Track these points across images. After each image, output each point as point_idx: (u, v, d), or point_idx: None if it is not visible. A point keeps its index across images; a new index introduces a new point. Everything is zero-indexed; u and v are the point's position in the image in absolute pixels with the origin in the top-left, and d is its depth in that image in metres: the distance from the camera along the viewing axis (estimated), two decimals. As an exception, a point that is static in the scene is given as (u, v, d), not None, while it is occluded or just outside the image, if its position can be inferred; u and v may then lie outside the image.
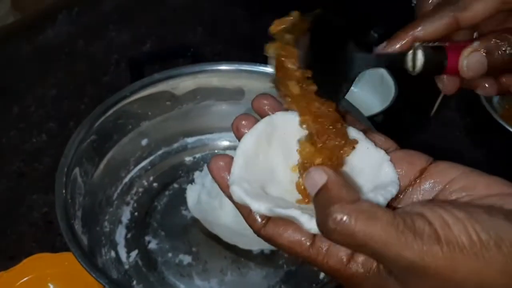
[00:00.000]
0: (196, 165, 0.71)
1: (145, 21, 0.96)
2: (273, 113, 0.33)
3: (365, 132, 0.34)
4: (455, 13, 0.36)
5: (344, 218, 0.26)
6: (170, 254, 0.61)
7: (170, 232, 0.63)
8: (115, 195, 0.66)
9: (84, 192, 0.59)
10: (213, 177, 0.32)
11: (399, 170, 0.31)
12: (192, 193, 0.61)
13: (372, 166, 0.32)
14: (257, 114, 0.34)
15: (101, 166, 0.63)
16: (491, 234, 0.25)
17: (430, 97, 0.80)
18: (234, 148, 0.68)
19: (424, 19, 0.37)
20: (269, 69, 0.67)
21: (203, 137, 0.72)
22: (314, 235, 0.29)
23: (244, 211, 0.31)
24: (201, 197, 0.59)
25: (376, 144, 0.33)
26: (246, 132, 0.32)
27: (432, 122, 0.77)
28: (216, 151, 0.72)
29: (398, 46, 0.37)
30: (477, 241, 0.25)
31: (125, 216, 0.65)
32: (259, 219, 0.30)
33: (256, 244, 0.59)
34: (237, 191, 0.30)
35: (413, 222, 0.26)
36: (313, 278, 0.59)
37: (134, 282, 0.59)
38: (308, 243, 0.29)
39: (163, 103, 0.68)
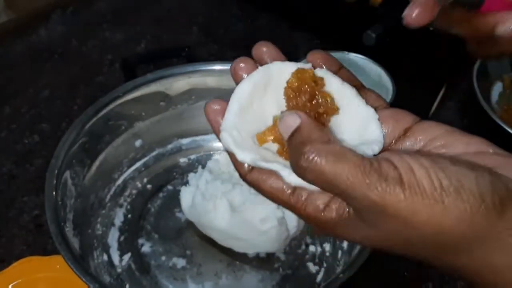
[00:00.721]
0: (191, 167, 0.69)
1: (140, 21, 0.95)
2: (271, 62, 0.33)
3: (358, 88, 0.34)
4: None
5: (315, 157, 0.27)
6: (163, 258, 0.60)
7: (164, 235, 0.62)
8: (108, 197, 0.65)
9: (76, 194, 0.58)
10: (208, 120, 0.33)
11: (385, 128, 0.32)
12: (186, 195, 0.60)
13: (360, 123, 0.32)
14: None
15: (93, 167, 0.62)
16: (453, 180, 0.26)
17: (428, 98, 0.80)
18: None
19: None
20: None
21: (197, 138, 0.71)
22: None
23: (233, 156, 0.31)
24: (195, 199, 0.58)
25: (367, 101, 0.33)
26: (243, 76, 0.33)
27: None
28: (211, 152, 0.71)
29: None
30: (438, 186, 0.26)
31: (118, 219, 0.64)
32: (246, 165, 0.31)
33: (251, 248, 0.58)
34: (226, 139, 0.31)
35: (380, 165, 0.27)
36: (309, 282, 0.58)
37: (127, 286, 0.58)
38: (289, 191, 0.30)
39: (156, 104, 0.67)
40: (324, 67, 0.34)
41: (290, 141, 0.29)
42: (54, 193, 0.53)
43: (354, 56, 0.72)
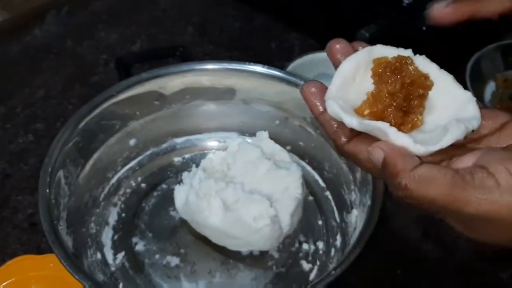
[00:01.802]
0: (185, 166, 0.70)
1: (135, 21, 0.95)
2: (344, 59, 0.35)
3: None
4: None
5: (407, 187, 0.29)
6: (157, 256, 0.60)
7: (158, 233, 0.62)
8: (102, 196, 0.65)
9: (69, 193, 0.58)
10: (305, 100, 0.35)
11: (484, 121, 0.33)
12: (180, 194, 0.60)
13: (458, 104, 0.34)
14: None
15: (87, 166, 0.62)
16: None
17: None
18: (224, 148, 0.67)
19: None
20: (258, 68, 0.67)
21: (192, 137, 0.71)
22: None
23: (330, 128, 0.34)
24: (189, 198, 0.58)
25: None
26: (339, 57, 0.36)
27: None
28: (205, 151, 0.71)
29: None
30: None
31: (112, 217, 0.64)
32: (343, 138, 0.33)
33: (244, 246, 0.58)
34: (333, 105, 0.33)
35: (473, 176, 0.28)
36: (302, 280, 0.59)
37: (121, 285, 0.58)
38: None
39: (151, 103, 0.67)
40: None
41: (383, 173, 0.31)
42: (47, 191, 0.53)
43: (347, 56, 0.73)
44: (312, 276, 0.59)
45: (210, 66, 0.67)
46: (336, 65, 0.36)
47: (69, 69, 0.86)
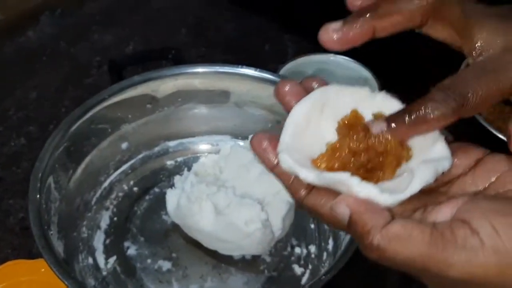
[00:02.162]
0: (178, 169, 0.69)
1: (129, 22, 0.94)
2: (294, 101, 0.32)
3: None
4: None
5: (380, 247, 0.26)
6: (149, 260, 0.60)
7: (150, 237, 0.62)
8: (94, 199, 0.65)
9: (61, 197, 0.58)
10: (256, 154, 0.31)
11: (456, 159, 0.30)
12: (172, 198, 0.60)
13: (425, 143, 0.30)
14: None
15: (79, 170, 0.62)
16: None
17: (414, 100, 0.80)
18: (216, 151, 0.67)
19: (385, 7, 0.32)
20: (251, 72, 0.66)
21: (184, 140, 0.71)
22: None
23: (286, 181, 0.30)
24: (180, 202, 0.58)
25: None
26: (290, 101, 0.32)
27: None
28: (198, 154, 0.71)
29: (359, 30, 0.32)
30: None
31: (104, 221, 0.64)
32: (302, 191, 0.30)
33: (236, 250, 0.58)
34: (286, 160, 0.29)
35: (453, 233, 0.25)
36: (294, 284, 0.59)
37: (112, 289, 0.58)
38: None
39: (143, 106, 0.67)
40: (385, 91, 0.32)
41: (350, 231, 0.28)
42: (38, 196, 0.53)
43: (340, 58, 0.73)
44: (304, 280, 0.59)
45: (202, 69, 0.67)
46: (287, 109, 0.32)
47: (63, 71, 0.86)
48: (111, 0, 0.98)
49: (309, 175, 0.29)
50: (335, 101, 0.32)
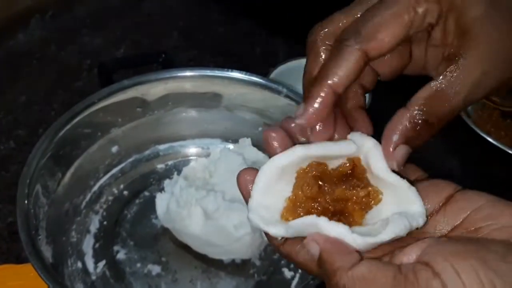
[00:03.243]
0: (168, 173, 0.69)
1: (119, 26, 0.94)
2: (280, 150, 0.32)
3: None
4: (362, 46, 0.31)
5: (345, 287, 0.26)
6: (138, 265, 0.60)
7: (140, 241, 0.62)
8: (84, 203, 0.64)
9: (49, 202, 0.58)
10: (240, 189, 0.32)
11: (425, 200, 0.30)
12: (161, 202, 0.60)
13: (399, 192, 0.31)
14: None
15: (68, 174, 0.62)
16: (507, 281, 0.24)
17: (404, 103, 0.80)
18: (206, 155, 0.67)
19: (330, 64, 0.31)
20: (240, 75, 0.66)
21: (175, 144, 0.71)
22: None
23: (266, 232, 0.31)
24: (170, 206, 0.58)
25: (405, 173, 0.32)
26: (276, 147, 0.32)
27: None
28: (188, 158, 0.71)
29: (318, 105, 0.31)
30: None
31: (94, 225, 0.63)
32: (279, 238, 0.30)
33: (226, 254, 0.58)
34: (254, 220, 0.30)
35: (416, 276, 0.25)
36: (284, 288, 0.59)
37: (101, 294, 0.57)
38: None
39: (133, 110, 0.67)
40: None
41: (321, 272, 0.28)
42: (26, 202, 0.53)
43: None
44: (293, 284, 0.59)
45: (192, 73, 0.67)
46: (272, 155, 0.32)
47: (52, 74, 0.85)
48: (102, 4, 0.98)
49: (278, 230, 0.30)
50: (309, 159, 0.31)
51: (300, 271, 0.60)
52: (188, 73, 0.67)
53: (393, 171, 0.31)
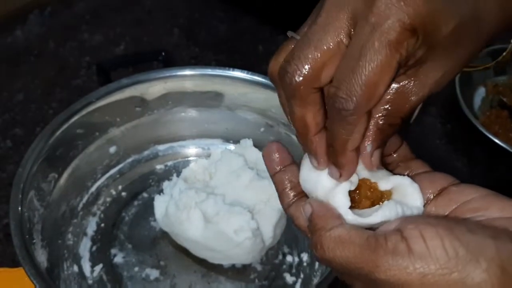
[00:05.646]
0: (168, 174, 0.68)
1: (119, 22, 0.92)
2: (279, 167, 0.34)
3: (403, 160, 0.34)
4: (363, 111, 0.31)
5: (323, 245, 0.28)
6: (136, 268, 0.58)
7: (138, 244, 0.61)
8: (81, 205, 0.63)
9: (45, 204, 0.56)
10: (264, 161, 0.34)
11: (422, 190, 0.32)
12: (160, 205, 0.58)
13: (398, 191, 0.32)
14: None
15: (65, 175, 0.60)
16: (470, 249, 0.25)
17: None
18: (207, 156, 0.66)
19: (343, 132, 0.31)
20: (242, 74, 0.65)
21: (175, 144, 0.69)
22: None
23: (280, 186, 0.33)
24: (168, 209, 0.56)
25: (412, 169, 0.33)
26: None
27: (411, 130, 0.75)
28: (188, 158, 0.69)
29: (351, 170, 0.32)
30: (453, 256, 0.25)
31: (91, 228, 0.62)
32: (291, 197, 0.33)
33: (226, 259, 0.57)
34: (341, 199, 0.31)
35: (386, 239, 0.26)
36: (285, 294, 0.57)
37: (98, 299, 0.56)
38: None
39: (132, 109, 0.65)
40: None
41: (308, 229, 0.30)
42: (19, 205, 0.51)
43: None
44: (295, 290, 0.57)
45: (192, 72, 0.65)
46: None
47: (50, 72, 0.83)
48: (102, 0, 0.96)
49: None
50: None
51: (302, 276, 0.58)
52: (188, 72, 0.65)
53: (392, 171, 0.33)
